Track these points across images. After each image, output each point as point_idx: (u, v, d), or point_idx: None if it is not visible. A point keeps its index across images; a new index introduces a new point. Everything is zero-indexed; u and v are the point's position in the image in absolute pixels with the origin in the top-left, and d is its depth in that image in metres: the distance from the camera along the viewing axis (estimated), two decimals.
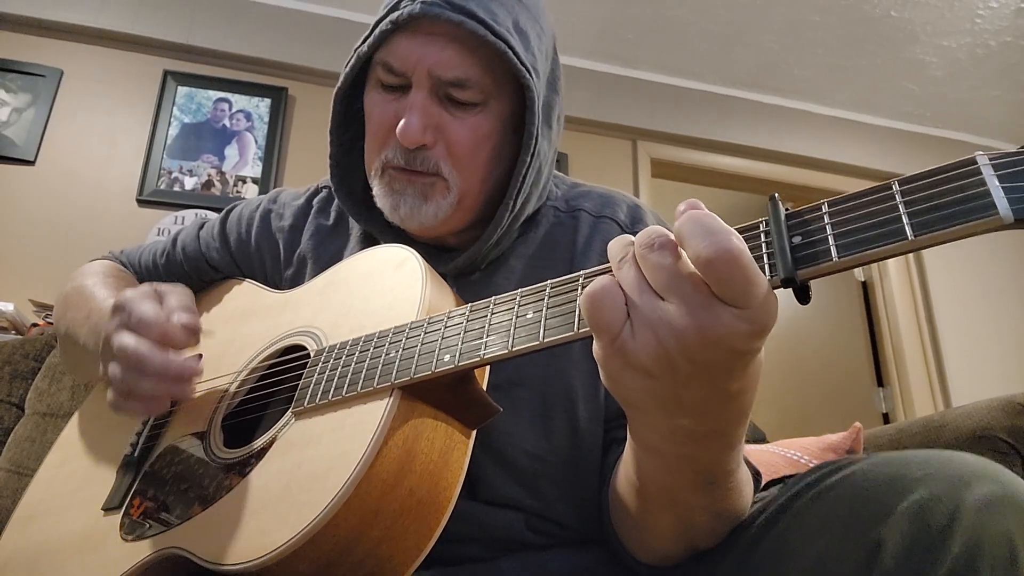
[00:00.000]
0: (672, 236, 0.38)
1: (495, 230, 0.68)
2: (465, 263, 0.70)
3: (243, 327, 0.75)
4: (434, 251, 0.72)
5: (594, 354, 0.40)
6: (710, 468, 0.45)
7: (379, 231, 0.74)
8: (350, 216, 0.77)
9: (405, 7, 0.64)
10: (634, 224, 0.75)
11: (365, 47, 0.67)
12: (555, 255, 0.73)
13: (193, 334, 0.63)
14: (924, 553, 0.39)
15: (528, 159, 0.66)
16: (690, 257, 0.36)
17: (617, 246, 0.40)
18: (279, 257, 0.80)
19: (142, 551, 0.57)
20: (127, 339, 0.60)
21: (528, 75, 0.64)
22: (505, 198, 0.68)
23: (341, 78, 0.71)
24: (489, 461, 0.62)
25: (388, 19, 0.64)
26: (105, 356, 0.63)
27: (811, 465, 1.24)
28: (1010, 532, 0.38)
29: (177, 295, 0.66)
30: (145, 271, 0.88)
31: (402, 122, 0.64)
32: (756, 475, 0.56)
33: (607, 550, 0.63)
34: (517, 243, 0.74)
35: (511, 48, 0.63)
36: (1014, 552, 0.38)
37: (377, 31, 0.66)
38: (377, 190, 0.70)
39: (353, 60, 0.69)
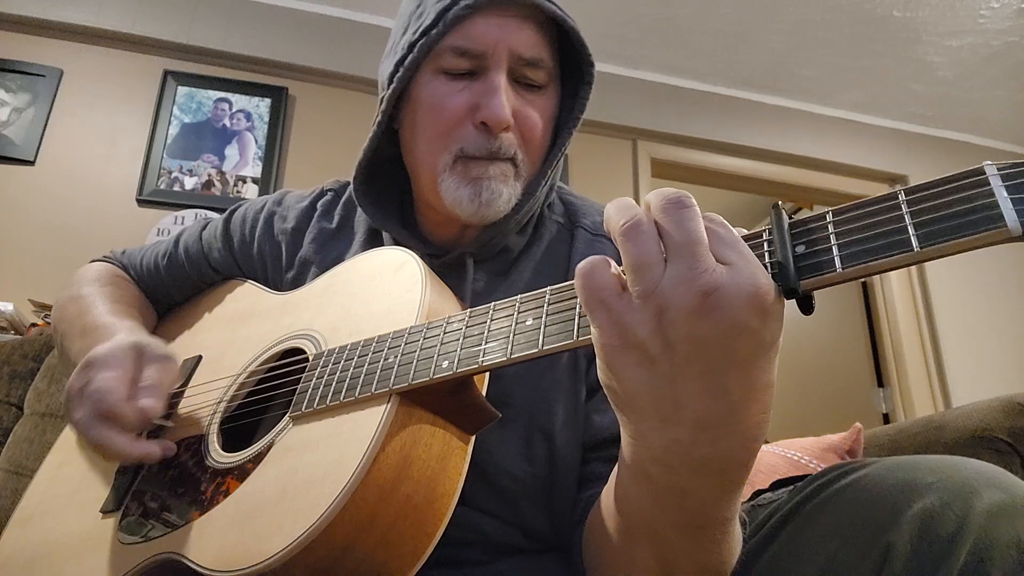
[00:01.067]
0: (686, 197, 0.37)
1: (515, 216, 0.69)
2: (480, 244, 0.70)
3: (243, 329, 0.74)
4: (444, 254, 0.73)
5: (592, 340, 0.39)
6: (701, 508, 0.42)
7: (396, 231, 0.74)
8: (369, 218, 0.75)
9: None
10: None
11: (428, 36, 0.64)
12: (552, 269, 0.73)
13: (148, 420, 0.61)
14: (933, 559, 0.39)
15: (566, 143, 0.69)
16: (655, 218, 0.36)
17: (620, 208, 0.38)
18: (280, 259, 0.80)
19: (139, 555, 0.57)
20: (83, 416, 0.60)
21: (589, 58, 0.67)
22: (535, 188, 0.69)
23: (401, 71, 0.66)
24: (473, 476, 0.61)
25: (462, 4, 0.63)
26: (66, 408, 0.63)
27: (811, 465, 1.24)
28: (1020, 538, 0.38)
29: (157, 368, 0.64)
30: (147, 273, 0.87)
31: (493, 103, 0.63)
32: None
33: None
34: (525, 252, 0.74)
35: (574, 28, 0.66)
36: (1022, 558, 0.37)
37: (451, 15, 0.63)
38: (449, 183, 0.66)
39: (416, 53, 0.64)
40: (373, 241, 0.77)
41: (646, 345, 0.36)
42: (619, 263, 0.38)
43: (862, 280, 3.09)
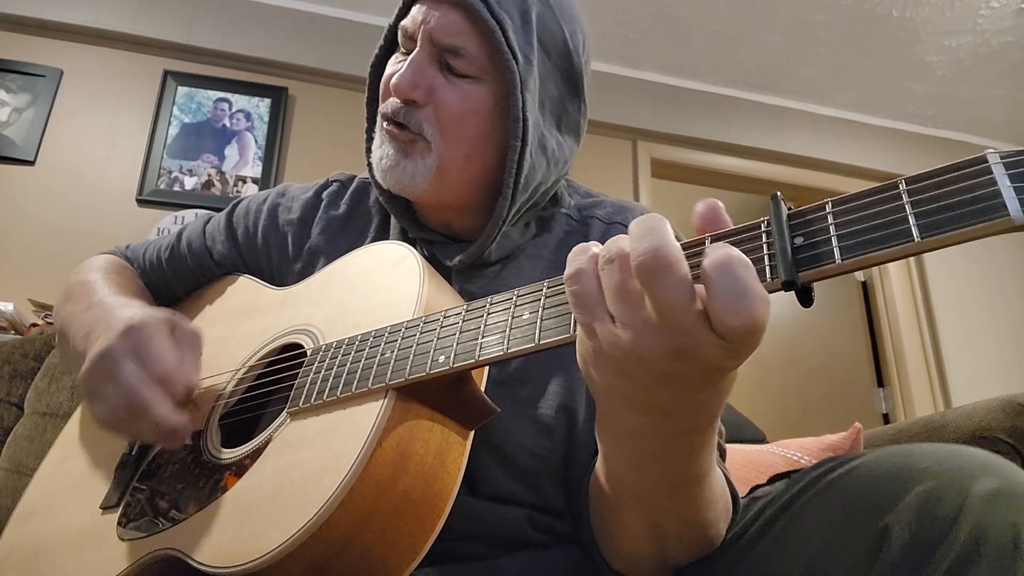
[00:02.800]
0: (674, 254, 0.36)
1: (496, 223, 0.68)
2: (472, 256, 0.70)
3: (242, 324, 0.74)
4: (444, 242, 0.73)
5: (576, 342, 0.41)
6: (674, 468, 0.45)
7: (399, 215, 0.75)
8: (379, 195, 0.77)
9: None
10: None
11: (392, 18, 0.72)
12: (564, 259, 0.73)
13: (189, 393, 0.61)
14: (930, 543, 0.39)
15: (517, 144, 0.66)
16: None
17: (612, 247, 0.39)
18: (287, 251, 0.80)
19: (138, 551, 0.57)
20: (134, 372, 0.57)
21: (511, 58, 0.65)
22: (503, 187, 0.68)
23: (375, 52, 0.75)
24: (491, 458, 0.62)
25: None
26: (105, 370, 0.59)
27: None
28: (1016, 523, 0.38)
29: (188, 340, 0.64)
30: (150, 267, 0.87)
31: (396, 74, 0.66)
32: (735, 499, 0.55)
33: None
34: (530, 244, 0.74)
35: (502, 29, 0.65)
36: (1018, 542, 0.38)
37: (401, 2, 0.71)
38: (374, 143, 0.72)
39: (386, 31, 0.74)
40: (384, 228, 0.77)
41: (622, 363, 0.37)
42: None
43: (862, 279, 3.09)
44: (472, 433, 0.55)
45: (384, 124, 0.69)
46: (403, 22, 0.69)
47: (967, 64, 2.76)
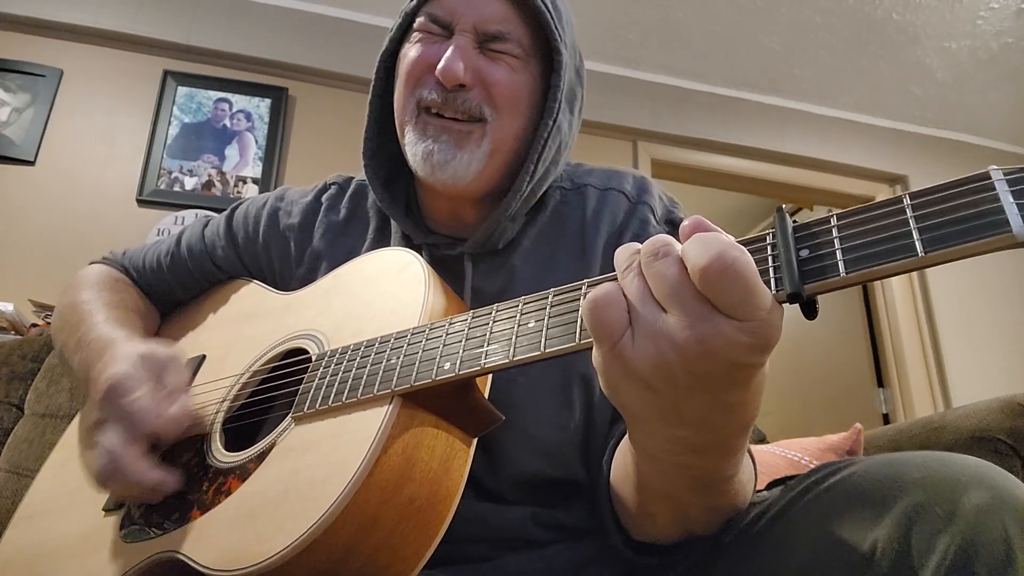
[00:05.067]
0: (678, 245, 0.37)
1: (514, 197, 0.68)
2: (483, 237, 0.70)
3: (246, 329, 0.74)
4: (450, 243, 0.73)
5: (593, 362, 0.40)
6: (708, 474, 0.46)
7: (401, 219, 0.74)
8: (377, 199, 0.77)
9: None
10: (640, 195, 0.75)
11: (413, 3, 0.70)
12: (564, 229, 0.74)
13: (181, 426, 0.62)
14: (920, 555, 0.39)
15: (551, 123, 0.68)
16: (688, 267, 0.35)
17: (624, 254, 0.40)
18: (289, 255, 0.80)
19: (140, 554, 0.57)
20: (113, 440, 0.59)
21: (560, 40, 0.68)
22: (526, 163, 0.69)
23: (387, 40, 0.73)
24: (515, 439, 0.63)
25: None
26: (90, 440, 0.61)
27: (811, 466, 1.24)
28: (1006, 534, 0.38)
29: (170, 371, 0.64)
30: (150, 272, 0.87)
31: (443, 58, 0.65)
32: (755, 470, 0.57)
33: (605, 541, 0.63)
34: (528, 226, 0.74)
35: (548, 10, 0.67)
36: (1010, 553, 0.38)
37: None
38: (409, 137, 0.69)
39: (400, 19, 0.71)
40: (383, 232, 0.77)
41: (647, 378, 0.38)
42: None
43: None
44: (475, 441, 0.56)
45: (427, 115, 0.68)
46: (432, 10, 0.68)
47: (967, 66, 2.76)
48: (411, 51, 0.70)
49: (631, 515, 0.57)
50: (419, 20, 0.70)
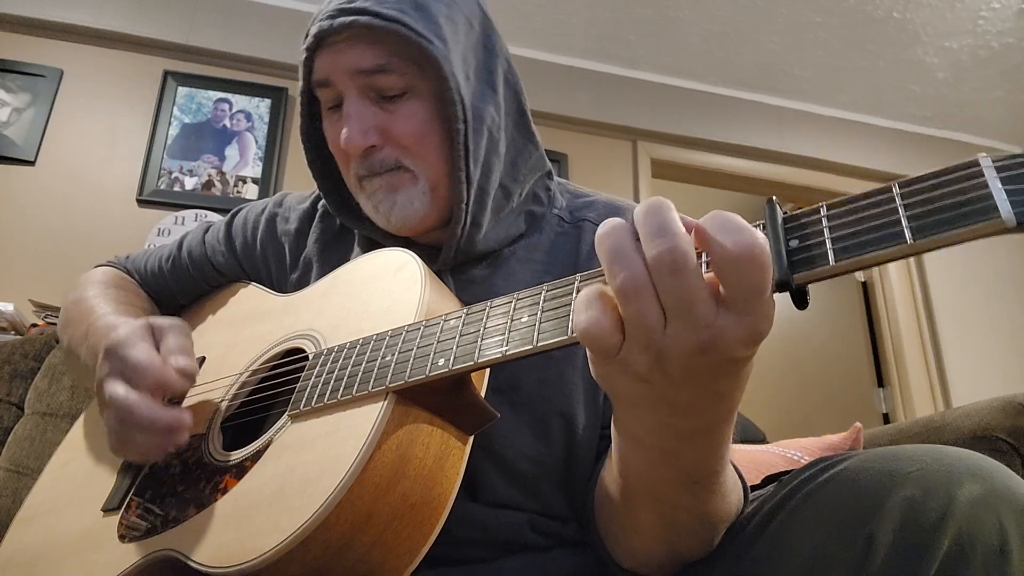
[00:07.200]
0: (691, 252, 0.36)
1: (460, 207, 0.67)
2: (450, 252, 0.69)
3: (246, 330, 0.75)
4: (429, 250, 0.72)
5: (588, 358, 0.41)
6: (694, 466, 0.46)
7: (381, 236, 0.74)
8: (352, 227, 0.78)
9: (310, 33, 0.67)
10: None
11: (301, 83, 0.70)
12: (558, 262, 0.73)
13: (190, 378, 0.62)
14: (916, 549, 0.40)
15: (461, 127, 0.66)
16: (714, 254, 0.35)
17: (618, 251, 0.37)
18: (284, 261, 0.81)
19: (137, 553, 0.57)
20: (118, 389, 0.58)
21: (431, 40, 0.64)
22: (454, 170, 0.67)
23: (298, 120, 0.75)
24: (489, 465, 0.63)
25: (303, 49, 0.68)
26: (100, 402, 0.61)
27: None
28: (1001, 525, 0.39)
29: (174, 334, 0.64)
30: (151, 276, 0.88)
31: (342, 135, 0.66)
32: (744, 489, 0.56)
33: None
34: (521, 247, 0.73)
35: (404, 24, 0.64)
36: (1005, 544, 0.38)
37: (301, 66, 0.69)
38: (364, 205, 0.71)
39: (301, 99, 0.72)
40: (370, 240, 0.77)
41: (642, 374, 0.38)
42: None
43: (862, 279, 3.09)
44: (471, 439, 0.56)
45: (365, 182, 0.69)
46: (314, 78, 0.68)
47: (967, 65, 2.76)
48: (327, 131, 0.71)
49: (617, 530, 0.57)
50: (316, 92, 0.70)
